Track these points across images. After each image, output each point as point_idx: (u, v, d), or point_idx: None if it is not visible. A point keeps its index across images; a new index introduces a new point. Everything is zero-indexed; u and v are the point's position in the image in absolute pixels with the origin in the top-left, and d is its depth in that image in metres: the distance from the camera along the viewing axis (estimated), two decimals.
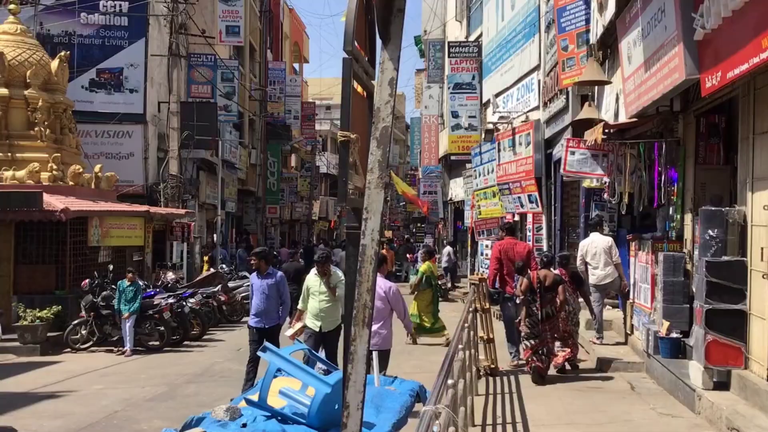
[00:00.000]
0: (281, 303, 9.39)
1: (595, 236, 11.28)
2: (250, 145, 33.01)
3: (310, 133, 43.88)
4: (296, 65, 46.34)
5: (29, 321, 13.45)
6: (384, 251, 18.34)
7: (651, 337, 9.09)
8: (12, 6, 17.35)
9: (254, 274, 9.64)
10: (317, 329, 8.70)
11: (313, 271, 8.98)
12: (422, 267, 14.18)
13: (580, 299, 10.54)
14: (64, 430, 8.12)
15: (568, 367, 9.85)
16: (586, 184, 12.81)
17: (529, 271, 9.93)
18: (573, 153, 11.58)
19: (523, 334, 9.69)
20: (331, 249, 30.50)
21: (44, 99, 16.37)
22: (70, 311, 14.25)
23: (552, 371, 9.66)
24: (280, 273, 9.68)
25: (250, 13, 31.19)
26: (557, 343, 9.70)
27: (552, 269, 9.92)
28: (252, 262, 9.74)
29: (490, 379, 9.63)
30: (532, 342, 9.47)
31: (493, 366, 9.90)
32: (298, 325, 8.90)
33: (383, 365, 8.04)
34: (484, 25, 22.55)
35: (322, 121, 53.79)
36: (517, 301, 10.24)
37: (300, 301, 8.99)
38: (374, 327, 7.65)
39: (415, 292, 13.62)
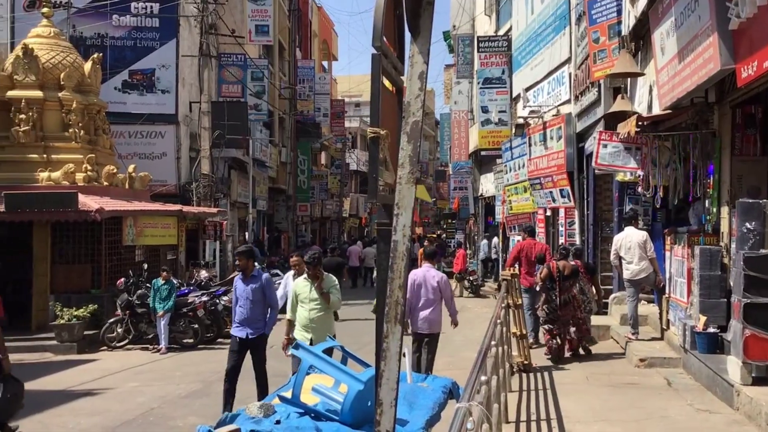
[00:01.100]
0: (269, 309, 8.43)
1: (629, 230, 11.13)
2: (280, 144, 33.18)
3: (339, 130, 44.00)
4: (325, 63, 46.46)
5: (66, 320, 13.67)
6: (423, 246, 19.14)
7: (687, 332, 8.95)
8: (45, 9, 17.64)
9: (238, 277, 8.64)
10: (307, 341, 7.56)
11: (303, 275, 8.15)
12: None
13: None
14: (101, 427, 8.24)
15: (582, 352, 10.86)
16: (619, 177, 12.64)
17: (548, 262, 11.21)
18: (605, 146, 11.43)
19: (542, 319, 10.90)
20: (363, 246, 30.60)
21: (78, 101, 16.61)
22: (105, 310, 14.47)
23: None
24: (266, 275, 8.70)
25: (279, 12, 31.33)
26: (572, 329, 10.69)
27: (569, 260, 10.93)
28: (238, 262, 8.59)
29: (524, 375, 9.57)
30: (551, 326, 10.61)
31: (526, 362, 9.84)
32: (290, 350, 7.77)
33: (433, 349, 9.03)
34: (514, 19, 22.37)
35: (352, 119, 53.89)
36: (537, 289, 11.23)
37: (288, 310, 8.18)
38: (426, 312, 8.84)
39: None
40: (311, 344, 7.20)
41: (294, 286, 8.13)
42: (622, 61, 11.27)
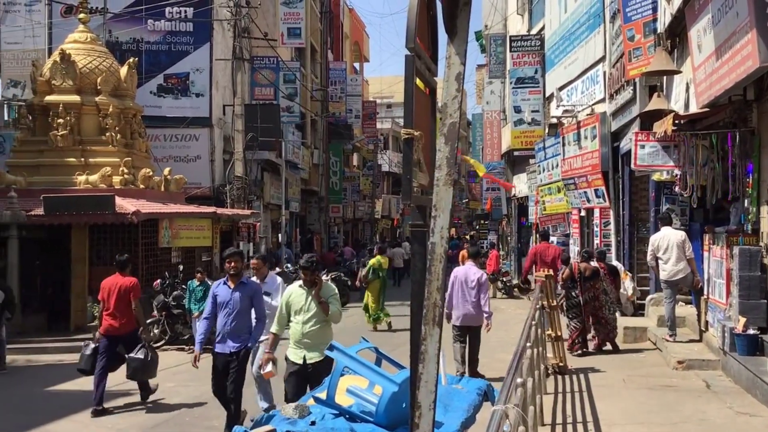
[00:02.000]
0: (256, 320, 7.56)
1: (666, 230, 10.97)
2: (312, 145, 33.34)
3: (371, 131, 44.07)
4: (357, 64, 46.58)
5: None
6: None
7: (727, 334, 8.79)
8: (82, 15, 17.93)
9: (219, 282, 7.65)
10: (300, 361, 6.69)
11: (296, 282, 7.05)
12: (372, 261, 16.55)
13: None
14: (139, 427, 8.34)
15: (610, 347, 11.44)
16: (656, 177, 12.47)
17: (571, 263, 12.00)
18: (643, 146, 11.29)
19: (568, 316, 11.47)
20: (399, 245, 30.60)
21: (115, 105, 16.85)
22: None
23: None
24: (255, 282, 7.88)
25: (311, 15, 31.49)
26: (596, 327, 11.38)
27: (591, 263, 11.54)
28: (231, 264, 7.46)
29: (559, 377, 9.48)
30: (577, 323, 11.27)
31: (561, 364, 9.75)
32: (269, 367, 6.99)
33: (475, 340, 9.79)
34: (546, 18, 22.20)
35: (384, 120, 53.92)
36: (559, 286, 11.84)
37: (274, 323, 7.01)
38: (467, 307, 9.62)
39: (366, 283, 16.10)
40: (304, 363, 6.66)
41: (286, 294, 6.95)
42: (658, 58, 11.12)
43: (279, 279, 8.51)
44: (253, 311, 7.55)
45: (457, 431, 4.73)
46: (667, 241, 10.81)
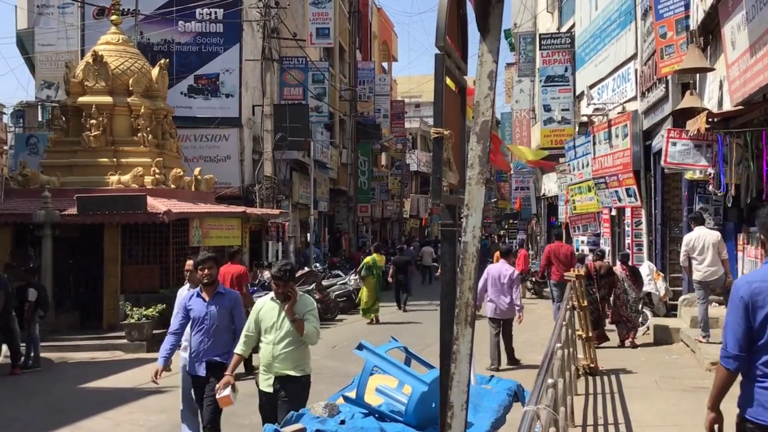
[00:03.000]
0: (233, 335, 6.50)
1: (701, 230, 10.81)
2: (340, 145, 33.42)
3: (399, 131, 44.06)
4: (385, 64, 46.60)
5: (136, 319, 14.03)
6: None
7: None
8: (114, 17, 18.15)
9: (193, 292, 6.69)
10: (270, 389, 5.81)
11: (268, 295, 6.12)
12: (367, 258, 17.89)
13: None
14: (170, 424, 8.42)
15: (629, 344, 11.99)
16: (688, 176, 12.29)
17: (587, 261, 12.91)
18: (674, 144, 11.13)
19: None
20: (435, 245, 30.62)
21: (146, 106, 17.04)
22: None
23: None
24: (235, 292, 7.08)
25: (340, 15, 31.57)
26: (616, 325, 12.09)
27: (605, 261, 12.47)
28: (205, 272, 6.49)
29: (590, 378, 9.39)
30: (594, 318, 11.45)
31: (592, 365, 9.66)
32: (226, 391, 5.92)
33: (508, 331, 10.74)
34: (577, 16, 22.01)
35: (412, 119, 53.88)
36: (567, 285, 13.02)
37: (240, 342, 6.05)
38: (501, 301, 10.63)
39: (362, 278, 17.42)
40: (275, 390, 5.78)
41: (255, 308, 6.00)
42: (690, 56, 10.96)
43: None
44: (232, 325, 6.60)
45: (487, 431, 4.70)
46: (702, 241, 10.65)
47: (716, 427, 3.78)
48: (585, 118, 19.46)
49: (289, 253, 23.45)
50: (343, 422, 4.80)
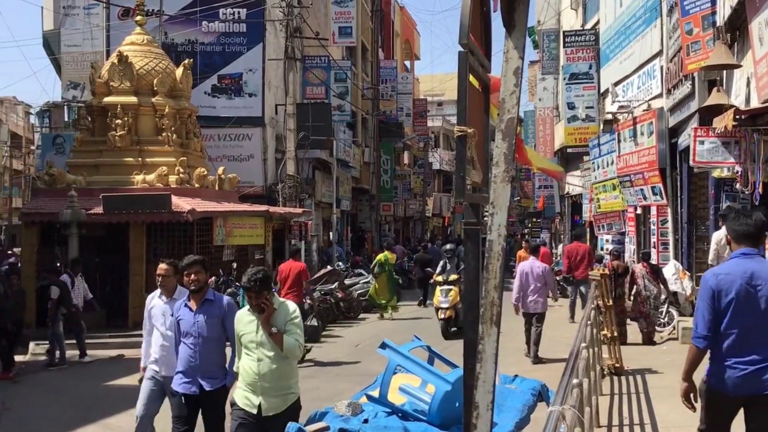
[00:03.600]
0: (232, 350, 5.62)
1: None
2: (363, 144, 33.43)
3: (422, 129, 43.97)
4: (407, 62, 46.53)
5: None
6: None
7: None
8: (139, 18, 18.30)
9: (180, 302, 5.96)
10: (254, 410, 5.14)
11: (245, 308, 5.37)
12: (379, 256, 18.97)
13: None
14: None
15: (646, 340, 12.32)
16: (716, 174, 12.13)
17: (605, 261, 14.03)
18: (702, 142, 10.99)
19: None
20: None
21: (170, 105, 17.16)
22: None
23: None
24: (227, 298, 6.07)
25: (362, 14, 31.58)
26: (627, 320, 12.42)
27: (622, 261, 13.22)
28: (191, 277, 5.77)
29: (615, 378, 9.30)
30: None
31: (617, 365, 9.57)
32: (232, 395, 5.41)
33: (540, 325, 11.51)
34: (601, 12, 21.82)
35: (434, 118, 53.75)
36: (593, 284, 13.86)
37: (237, 360, 5.42)
38: (534, 296, 11.48)
39: (375, 276, 18.36)
40: (259, 413, 5.11)
41: (236, 323, 5.35)
42: (717, 52, 10.81)
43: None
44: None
45: (511, 431, 4.67)
46: None
47: (691, 395, 4.53)
48: (610, 116, 19.30)
49: (312, 252, 23.50)
50: (366, 421, 4.79)
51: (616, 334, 9.82)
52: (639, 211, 17.47)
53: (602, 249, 19.92)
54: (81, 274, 13.56)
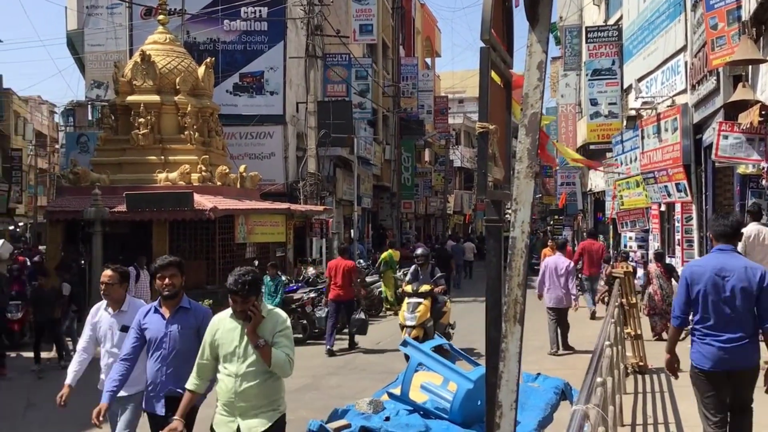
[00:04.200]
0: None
1: (756, 226, 10.50)
2: (384, 141, 33.42)
3: (443, 127, 43.85)
4: (428, 60, 46.43)
5: None
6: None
7: None
8: (161, 17, 18.43)
9: (147, 308, 5.24)
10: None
11: (226, 311, 4.62)
12: (384, 254, 19.11)
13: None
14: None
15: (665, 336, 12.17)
16: (741, 170, 11.97)
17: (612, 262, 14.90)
18: (726, 137, 10.85)
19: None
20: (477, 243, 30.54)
21: (193, 104, 17.27)
22: (220, 304, 14.96)
23: None
24: (204, 308, 5.32)
25: (383, 11, 31.54)
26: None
27: (627, 262, 13.12)
28: (165, 281, 5.08)
29: (639, 377, 9.22)
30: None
31: (641, 363, 9.48)
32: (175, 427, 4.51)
33: (564, 320, 11.85)
34: (624, 8, 21.62)
35: (455, 115, 53.61)
36: (602, 282, 14.96)
37: (192, 374, 4.67)
38: (557, 291, 11.78)
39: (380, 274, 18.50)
40: None
41: (210, 329, 4.59)
42: (742, 47, 10.66)
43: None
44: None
45: (534, 430, 4.65)
46: (762, 236, 10.34)
47: (674, 366, 5.32)
48: (633, 112, 19.10)
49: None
50: (387, 419, 4.79)
51: (640, 332, 9.72)
52: (663, 208, 17.29)
53: (625, 246, 19.75)
54: (146, 267, 13.27)
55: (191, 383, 4.66)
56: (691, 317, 5.24)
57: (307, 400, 9.19)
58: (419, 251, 12.37)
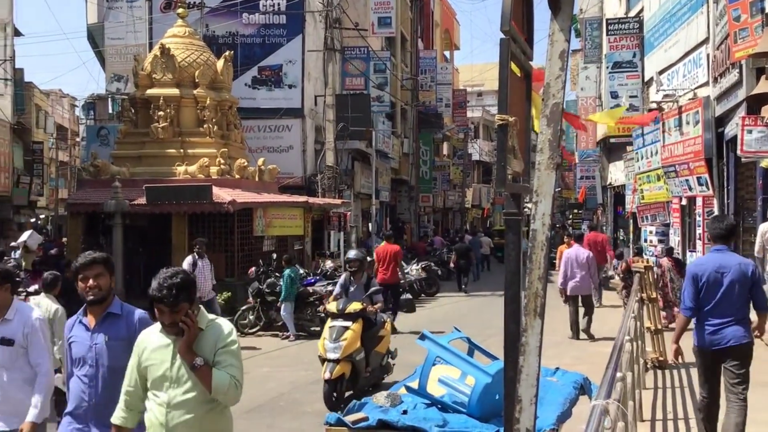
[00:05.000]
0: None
1: None
2: (402, 135, 33.36)
3: (461, 120, 43.71)
4: (447, 53, 46.26)
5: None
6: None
7: None
8: (180, 10, 18.49)
9: (74, 320, 4.16)
10: None
11: (155, 325, 3.68)
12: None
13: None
14: (234, 409, 8.54)
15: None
16: (764, 164, 11.82)
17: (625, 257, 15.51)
18: (750, 131, 10.72)
19: (626, 301, 13.27)
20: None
21: (212, 97, 17.32)
22: (238, 297, 15.04)
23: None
24: (139, 312, 4.10)
25: (401, 3, 31.45)
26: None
27: (642, 256, 14.20)
28: (89, 283, 4.02)
29: (659, 372, 9.14)
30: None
31: (661, 358, 9.40)
32: None
33: (588, 304, 12.59)
34: (645, 0, 21.41)
35: (474, 108, 53.41)
36: (616, 278, 15.47)
37: (120, 405, 3.70)
38: (577, 280, 12.49)
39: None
40: None
41: (138, 347, 3.68)
42: (765, 39, 10.53)
43: (36, 314, 4.64)
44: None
45: (552, 425, 4.61)
46: None
47: (679, 356, 6.05)
48: (654, 105, 18.91)
49: (350, 243, 23.58)
50: (405, 412, 4.77)
51: (660, 326, 9.64)
52: (684, 202, 17.13)
53: (645, 241, 19.59)
54: (205, 256, 12.64)
55: (117, 417, 3.66)
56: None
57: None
58: (351, 255, 9.72)
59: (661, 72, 18.80)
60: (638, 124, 19.54)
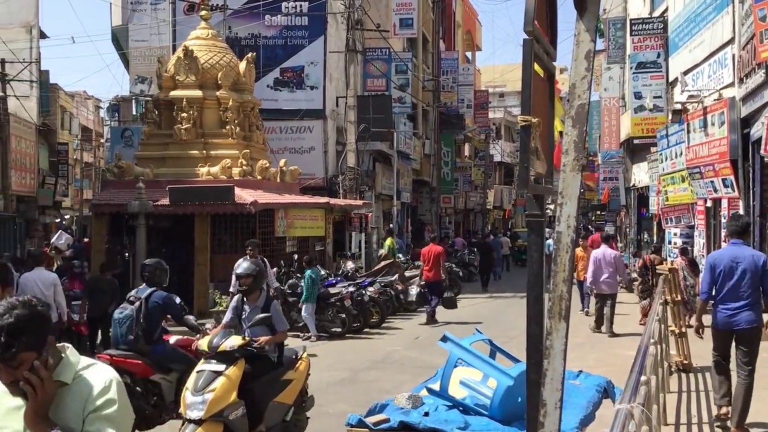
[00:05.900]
0: None
1: None
2: (423, 136, 33.32)
3: (483, 121, 43.55)
4: (468, 54, 46.13)
5: (224, 306, 14.38)
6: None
7: None
8: (204, 12, 18.63)
9: None
10: None
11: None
12: (387, 242, 20.23)
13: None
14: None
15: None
16: None
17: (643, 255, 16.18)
18: None
19: (642, 297, 14.13)
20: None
21: (234, 99, 17.41)
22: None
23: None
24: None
25: (423, 4, 31.42)
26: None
27: (660, 255, 14.94)
28: None
29: (683, 375, 9.04)
30: (646, 303, 13.34)
31: (686, 362, 9.29)
32: None
33: (612, 304, 13.16)
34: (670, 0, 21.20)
35: (496, 109, 53.20)
36: (633, 275, 15.90)
37: None
38: (605, 278, 13.27)
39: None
40: None
41: None
42: None
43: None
44: None
45: (575, 428, 4.57)
46: None
47: (700, 330, 7.34)
48: (679, 106, 18.70)
49: (372, 244, 23.58)
50: (426, 414, 4.76)
51: (684, 330, 9.53)
52: (709, 203, 16.92)
53: (669, 243, 19.39)
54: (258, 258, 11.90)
55: None
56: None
57: (345, 394, 9.21)
58: (241, 269, 6.99)
59: (685, 72, 18.60)
60: None
